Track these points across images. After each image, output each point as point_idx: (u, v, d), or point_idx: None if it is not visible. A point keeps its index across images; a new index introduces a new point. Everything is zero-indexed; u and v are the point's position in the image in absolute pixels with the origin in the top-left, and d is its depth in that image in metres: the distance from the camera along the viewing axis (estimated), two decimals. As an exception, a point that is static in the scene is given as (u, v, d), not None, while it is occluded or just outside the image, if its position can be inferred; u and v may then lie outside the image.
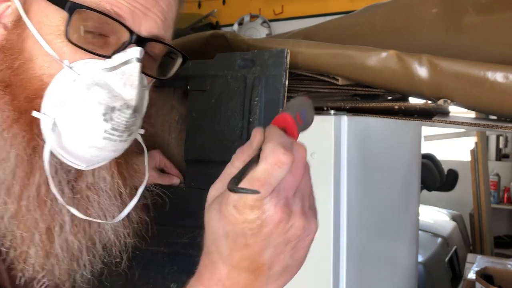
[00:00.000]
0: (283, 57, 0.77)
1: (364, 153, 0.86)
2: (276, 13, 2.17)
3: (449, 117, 0.76)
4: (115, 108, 0.46)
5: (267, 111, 0.77)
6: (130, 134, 0.50)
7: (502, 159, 3.91)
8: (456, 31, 0.78)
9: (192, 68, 0.84)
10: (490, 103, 0.68)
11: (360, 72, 0.76)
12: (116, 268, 0.64)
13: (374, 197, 0.94)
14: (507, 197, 3.79)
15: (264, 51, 0.79)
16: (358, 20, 0.94)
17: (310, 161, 0.75)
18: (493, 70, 0.65)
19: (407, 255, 1.30)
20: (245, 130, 0.78)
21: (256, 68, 0.78)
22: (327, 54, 0.78)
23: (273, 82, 0.77)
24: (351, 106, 0.78)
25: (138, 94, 0.48)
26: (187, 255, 0.78)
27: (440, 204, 3.15)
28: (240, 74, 0.80)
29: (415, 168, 1.31)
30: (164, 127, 0.82)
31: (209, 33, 0.98)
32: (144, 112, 0.54)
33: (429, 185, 2.74)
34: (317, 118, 0.76)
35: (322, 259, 0.74)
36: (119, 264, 0.62)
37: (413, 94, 0.78)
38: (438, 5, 0.81)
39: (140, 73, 0.48)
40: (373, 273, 0.96)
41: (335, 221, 0.75)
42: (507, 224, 3.86)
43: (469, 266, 1.86)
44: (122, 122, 0.47)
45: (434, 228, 2.45)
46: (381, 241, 1.02)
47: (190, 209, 0.81)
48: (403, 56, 0.72)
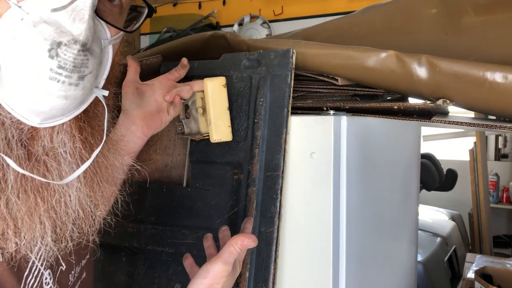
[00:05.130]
0: (288, 57, 0.77)
1: (364, 153, 0.87)
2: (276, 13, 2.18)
3: (448, 117, 0.76)
4: (61, 43, 0.43)
5: (272, 111, 0.77)
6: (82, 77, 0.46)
7: (501, 159, 3.92)
8: (456, 31, 0.79)
9: (198, 68, 0.84)
10: (489, 103, 0.68)
11: (360, 72, 0.76)
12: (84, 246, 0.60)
13: (374, 196, 0.94)
14: (506, 197, 3.79)
15: (270, 51, 0.79)
16: (358, 21, 0.94)
17: (310, 161, 0.76)
18: (492, 70, 0.65)
19: (407, 254, 1.30)
20: (250, 131, 0.78)
21: (261, 68, 0.79)
22: (327, 54, 0.78)
23: (279, 82, 0.77)
24: (350, 106, 0.78)
25: (88, 30, 0.45)
26: (192, 255, 0.78)
27: (439, 203, 3.16)
28: (245, 74, 0.80)
29: (414, 168, 1.32)
30: (170, 127, 0.83)
31: (210, 33, 0.98)
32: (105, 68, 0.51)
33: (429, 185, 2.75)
34: (317, 118, 0.76)
35: (321, 258, 0.74)
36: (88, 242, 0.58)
37: (412, 94, 0.78)
38: (437, 6, 0.82)
39: (91, 8, 0.45)
40: (372, 272, 0.96)
41: (335, 220, 0.75)
42: (506, 224, 3.87)
43: (468, 266, 1.87)
44: (69, 59, 0.44)
45: (434, 227, 2.45)
46: (380, 241, 1.02)
47: (194, 209, 0.81)
48: (402, 56, 0.72)
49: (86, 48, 0.45)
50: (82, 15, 0.44)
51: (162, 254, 0.82)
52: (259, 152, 0.76)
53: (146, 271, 0.83)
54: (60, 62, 0.44)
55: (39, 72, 0.43)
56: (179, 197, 0.83)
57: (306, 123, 0.76)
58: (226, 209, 0.78)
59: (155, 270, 0.82)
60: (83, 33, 0.44)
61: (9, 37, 0.44)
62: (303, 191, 0.76)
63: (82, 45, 0.44)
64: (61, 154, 0.50)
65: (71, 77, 0.45)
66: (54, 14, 0.44)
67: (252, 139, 0.77)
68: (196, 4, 2.49)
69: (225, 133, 0.77)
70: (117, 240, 0.84)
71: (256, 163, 0.76)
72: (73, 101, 0.47)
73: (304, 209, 0.76)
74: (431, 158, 2.82)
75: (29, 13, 0.44)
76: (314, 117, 0.76)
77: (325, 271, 0.74)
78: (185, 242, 0.80)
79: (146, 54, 0.99)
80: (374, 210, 0.95)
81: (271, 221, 0.74)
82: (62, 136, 0.50)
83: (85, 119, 0.52)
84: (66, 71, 0.44)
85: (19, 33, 0.44)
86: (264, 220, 0.74)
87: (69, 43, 0.44)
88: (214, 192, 0.80)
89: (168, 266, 0.81)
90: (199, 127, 0.80)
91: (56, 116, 0.48)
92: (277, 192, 0.74)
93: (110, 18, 0.51)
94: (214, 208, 0.79)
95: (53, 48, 0.43)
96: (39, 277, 0.56)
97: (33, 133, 0.48)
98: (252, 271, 0.74)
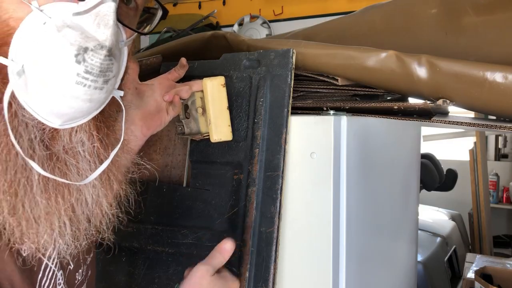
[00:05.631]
0: (288, 57, 0.77)
1: (364, 153, 0.87)
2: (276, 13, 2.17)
3: (448, 117, 0.76)
4: (88, 48, 0.43)
5: (272, 111, 0.77)
6: (106, 81, 0.46)
7: (501, 159, 3.92)
8: (455, 31, 0.79)
9: (198, 68, 0.84)
10: (489, 103, 0.68)
11: (360, 72, 0.76)
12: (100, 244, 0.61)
13: (374, 197, 0.94)
14: (506, 197, 3.79)
15: (270, 51, 0.79)
16: (358, 20, 0.94)
17: (310, 161, 0.76)
18: (492, 70, 0.65)
19: (407, 254, 1.30)
20: (250, 131, 0.78)
21: (261, 68, 0.79)
22: (327, 54, 0.78)
23: (279, 83, 0.77)
24: (350, 106, 0.78)
25: (113, 36, 0.45)
26: (191, 255, 0.78)
27: (439, 203, 3.15)
28: (245, 74, 0.80)
29: (414, 168, 1.32)
30: (170, 127, 0.82)
31: (210, 33, 0.98)
32: (122, 69, 0.52)
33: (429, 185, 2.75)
34: (317, 118, 0.76)
35: (321, 258, 0.74)
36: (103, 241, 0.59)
37: (412, 94, 0.78)
38: (437, 6, 0.82)
39: (115, 13, 0.45)
40: (372, 272, 0.96)
41: (335, 220, 0.75)
42: (506, 224, 3.87)
43: (468, 266, 1.87)
44: (96, 64, 0.44)
45: (434, 227, 2.45)
46: (380, 241, 1.02)
47: (194, 209, 0.81)
48: (402, 56, 0.72)
49: (111, 53, 0.45)
50: (106, 20, 0.45)
51: (162, 254, 0.82)
52: (259, 152, 0.76)
53: (146, 271, 0.83)
54: (87, 67, 0.44)
55: (66, 77, 0.43)
56: (179, 197, 0.83)
57: (306, 123, 0.76)
58: (226, 209, 0.78)
59: (155, 270, 0.82)
60: (109, 38, 0.44)
61: (32, 41, 0.44)
62: (303, 191, 0.76)
63: (108, 50, 0.45)
64: (79, 153, 0.50)
65: (97, 82, 0.45)
66: (76, 18, 0.45)
67: (252, 139, 0.77)
68: (196, 4, 2.49)
69: (225, 133, 0.77)
70: (117, 240, 0.84)
71: (256, 163, 0.76)
72: (96, 104, 0.48)
73: (304, 209, 0.76)
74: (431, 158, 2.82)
75: (52, 17, 0.44)
76: (314, 117, 0.76)
77: (325, 271, 0.74)
78: (185, 242, 0.80)
79: (146, 54, 0.99)
80: (374, 210, 0.95)
81: (271, 221, 0.74)
82: (81, 135, 0.50)
83: (101, 119, 0.52)
84: (92, 76, 0.44)
85: (42, 37, 0.44)
86: (264, 220, 0.74)
87: (95, 49, 0.44)
88: (214, 192, 0.80)
89: (168, 266, 0.81)
90: (199, 127, 0.80)
91: (77, 117, 0.48)
92: (277, 192, 0.74)
93: (126, 20, 0.51)
94: (214, 208, 0.79)
95: (80, 54, 0.43)
96: (54, 278, 0.56)
97: (53, 133, 0.49)
98: (252, 271, 0.74)
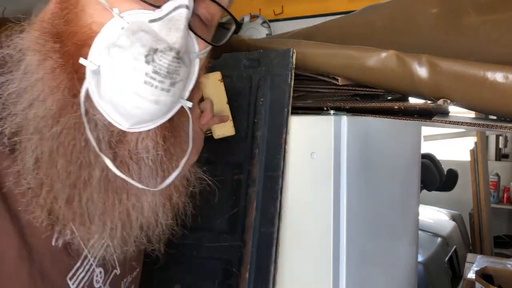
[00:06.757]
0: (288, 57, 0.77)
1: (364, 153, 0.86)
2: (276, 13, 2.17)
3: (448, 117, 0.76)
4: (157, 49, 0.46)
5: (272, 111, 0.77)
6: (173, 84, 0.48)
7: (502, 159, 3.91)
8: (456, 31, 0.79)
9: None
10: (490, 103, 0.68)
11: (360, 72, 0.76)
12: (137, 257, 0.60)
13: (374, 197, 0.94)
14: (506, 197, 3.78)
15: (270, 51, 0.79)
16: (358, 20, 0.94)
17: (310, 161, 0.75)
18: (493, 70, 0.65)
19: (407, 254, 1.30)
20: (250, 131, 0.78)
21: (261, 68, 0.78)
22: (327, 54, 0.78)
23: (279, 82, 0.77)
24: (351, 106, 0.78)
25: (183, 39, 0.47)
26: (191, 256, 0.78)
27: (440, 204, 3.15)
28: (245, 74, 0.80)
29: (415, 168, 1.32)
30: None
31: (209, 33, 0.98)
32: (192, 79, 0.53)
33: (429, 185, 2.74)
34: (317, 118, 0.76)
35: (321, 259, 0.74)
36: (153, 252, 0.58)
37: (412, 94, 0.78)
38: (438, 6, 0.81)
39: (187, 19, 0.48)
40: (372, 272, 0.96)
41: (335, 221, 0.75)
42: (507, 224, 3.86)
43: (468, 266, 1.86)
44: (164, 65, 0.46)
45: (434, 228, 2.45)
46: (380, 241, 1.02)
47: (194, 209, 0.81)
48: (402, 56, 0.72)
49: (179, 56, 0.47)
50: (178, 25, 0.47)
51: (161, 254, 0.82)
52: (259, 152, 0.76)
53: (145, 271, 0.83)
54: (155, 67, 0.46)
55: (135, 76, 0.46)
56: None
57: (306, 123, 0.76)
58: (226, 209, 0.78)
59: (155, 271, 0.82)
60: (178, 41, 0.47)
61: (111, 44, 0.47)
62: (303, 191, 0.75)
63: (176, 53, 0.47)
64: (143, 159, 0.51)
65: (163, 83, 0.47)
66: (151, 24, 0.48)
67: (252, 139, 0.77)
68: (196, 4, 2.48)
69: (227, 128, 0.77)
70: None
71: (256, 163, 0.76)
72: (162, 107, 0.49)
73: (304, 209, 0.75)
74: (432, 158, 2.81)
75: (129, 23, 0.47)
76: (314, 117, 0.76)
77: (325, 272, 0.74)
78: (185, 242, 0.79)
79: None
80: (375, 210, 0.95)
81: (271, 222, 0.74)
82: (147, 142, 0.51)
83: (169, 128, 0.53)
84: (160, 76, 0.46)
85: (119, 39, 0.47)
86: (264, 221, 0.74)
87: (164, 50, 0.46)
88: (214, 193, 0.80)
89: (168, 267, 0.81)
90: None
91: (145, 121, 0.50)
92: (277, 192, 0.74)
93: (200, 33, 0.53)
94: (214, 208, 0.79)
95: (150, 54, 0.46)
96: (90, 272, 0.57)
97: (121, 136, 0.50)
98: (252, 271, 0.74)
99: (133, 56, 0.46)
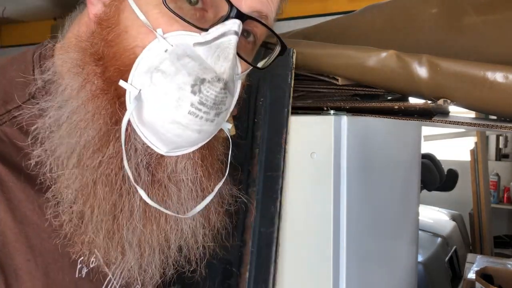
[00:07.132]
0: (289, 56, 0.76)
1: (364, 153, 0.86)
2: (276, 13, 2.17)
3: (449, 117, 0.76)
4: (205, 80, 0.43)
5: (272, 111, 0.77)
6: (218, 114, 0.46)
7: (502, 159, 3.91)
8: (456, 31, 0.79)
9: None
10: (490, 103, 0.68)
11: (360, 72, 0.76)
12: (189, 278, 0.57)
13: (374, 197, 0.94)
14: (507, 197, 3.78)
15: None
16: (358, 20, 0.94)
17: (310, 161, 0.75)
18: (493, 70, 0.65)
19: (407, 255, 1.30)
20: (250, 131, 0.78)
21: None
22: (327, 54, 0.78)
23: (279, 82, 0.76)
24: (351, 106, 0.78)
25: (231, 69, 0.44)
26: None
27: (440, 204, 3.15)
28: (245, 74, 0.80)
29: (415, 168, 1.31)
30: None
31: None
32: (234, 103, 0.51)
33: (429, 185, 2.74)
34: (317, 118, 0.76)
35: (321, 259, 0.74)
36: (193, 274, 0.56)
37: (413, 94, 0.78)
38: (438, 5, 0.81)
39: (235, 47, 0.45)
40: (372, 273, 0.96)
41: (335, 221, 0.75)
42: (507, 224, 3.86)
43: (469, 266, 1.86)
44: (211, 96, 0.44)
45: (434, 228, 2.45)
46: (381, 241, 1.02)
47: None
48: (403, 56, 0.72)
49: (226, 86, 0.45)
50: (227, 53, 0.44)
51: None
52: (259, 152, 0.76)
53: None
54: (202, 99, 0.43)
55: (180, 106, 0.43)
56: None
57: (306, 123, 0.76)
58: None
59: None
60: (227, 71, 0.44)
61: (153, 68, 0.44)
62: (303, 191, 0.75)
63: (224, 84, 0.44)
64: (183, 181, 0.50)
65: (209, 114, 0.45)
66: (197, 48, 0.45)
67: (252, 139, 0.77)
68: (196, 4, 2.49)
69: None
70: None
71: (256, 163, 0.76)
72: (204, 135, 0.47)
73: (304, 209, 0.75)
74: (432, 158, 2.81)
75: (173, 45, 0.44)
76: (314, 117, 0.76)
77: (325, 272, 0.74)
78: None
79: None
80: (375, 210, 0.95)
81: (271, 221, 0.74)
82: (185, 162, 0.50)
83: (207, 147, 0.52)
84: (205, 107, 0.44)
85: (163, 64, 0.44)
86: (264, 220, 0.74)
87: (212, 81, 0.44)
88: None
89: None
90: None
91: (184, 147, 0.48)
92: (277, 192, 0.74)
93: (244, 54, 0.51)
94: (214, 208, 0.79)
95: (197, 84, 0.43)
96: None
97: (160, 159, 0.48)
98: (252, 271, 0.74)
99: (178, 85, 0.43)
